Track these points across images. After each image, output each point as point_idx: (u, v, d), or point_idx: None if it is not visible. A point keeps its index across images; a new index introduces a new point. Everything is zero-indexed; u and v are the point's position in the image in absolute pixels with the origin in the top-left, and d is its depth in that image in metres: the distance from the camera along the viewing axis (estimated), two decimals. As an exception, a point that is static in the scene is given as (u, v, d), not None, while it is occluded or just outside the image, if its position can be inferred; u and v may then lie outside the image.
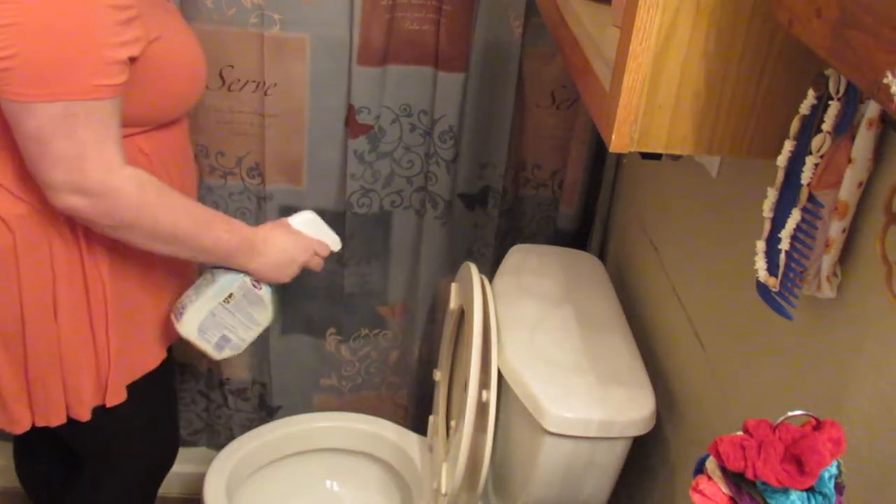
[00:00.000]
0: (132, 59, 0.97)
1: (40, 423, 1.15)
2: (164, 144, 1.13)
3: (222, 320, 1.21)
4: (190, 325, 1.18)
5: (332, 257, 1.64)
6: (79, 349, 1.12)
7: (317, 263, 1.27)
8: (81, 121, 0.93)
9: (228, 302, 1.19)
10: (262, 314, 1.25)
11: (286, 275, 1.22)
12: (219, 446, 1.61)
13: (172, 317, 1.18)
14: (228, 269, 1.18)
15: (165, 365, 1.27)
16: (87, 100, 0.93)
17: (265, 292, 1.23)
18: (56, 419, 1.16)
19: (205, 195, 1.55)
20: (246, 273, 1.19)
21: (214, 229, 1.11)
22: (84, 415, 1.16)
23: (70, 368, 1.12)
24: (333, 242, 1.31)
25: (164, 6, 1.10)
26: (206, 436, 1.87)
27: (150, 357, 1.23)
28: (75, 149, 0.94)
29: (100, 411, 1.18)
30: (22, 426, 1.16)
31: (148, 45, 0.99)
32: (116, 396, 1.18)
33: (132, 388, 1.20)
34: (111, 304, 1.12)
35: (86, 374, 1.14)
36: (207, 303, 1.18)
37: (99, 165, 0.96)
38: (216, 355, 1.23)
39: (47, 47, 0.90)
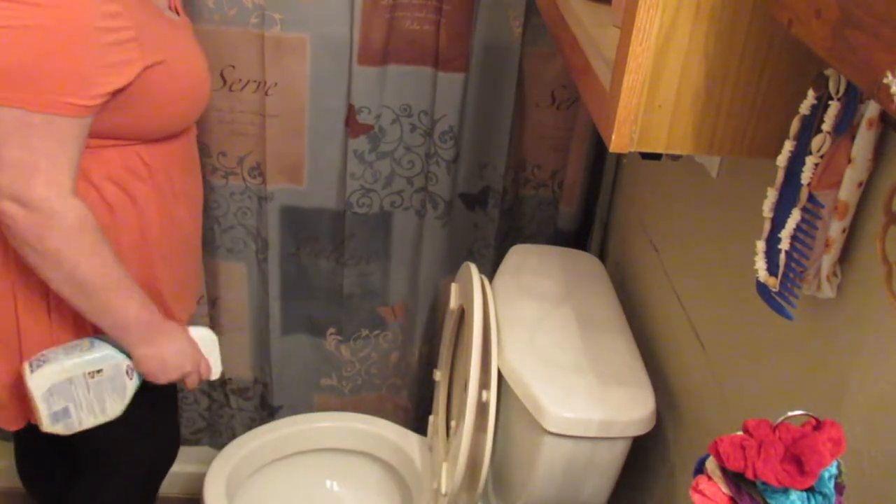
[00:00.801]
0: (120, 87, 0.95)
1: (34, 421, 1.15)
2: (166, 155, 1.11)
3: (75, 392, 1.10)
4: (41, 382, 1.06)
5: (332, 257, 1.65)
6: None
7: (193, 381, 1.20)
8: (37, 132, 0.90)
9: (93, 377, 1.09)
10: (115, 405, 1.15)
11: (165, 376, 1.14)
12: (220, 446, 1.61)
13: (26, 365, 1.07)
14: (113, 345, 1.10)
15: None
16: (47, 113, 0.90)
17: (132, 384, 1.14)
18: None
19: (207, 195, 1.55)
20: (128, 356, 1.11)
21: (128, 297, 1.04)
22: None
23: None
24: (216, 370, 1.25)
25: (171, 23, 1.07)
26: (207, 435, 1.88)
27: None
28: (28, 158, 0.91)
29: None
30: (17, 423, 1.15)
31: (146, 69, 0.97)
32: None
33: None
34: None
35: None
36: (72, 368, 1.08)
37: (48, 182, 0.93)
38: (47, 424, 1.10)
39: (22, 51, 0.88)
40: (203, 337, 1.21)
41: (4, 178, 0.91)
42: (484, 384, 1.23)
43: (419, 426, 1.69)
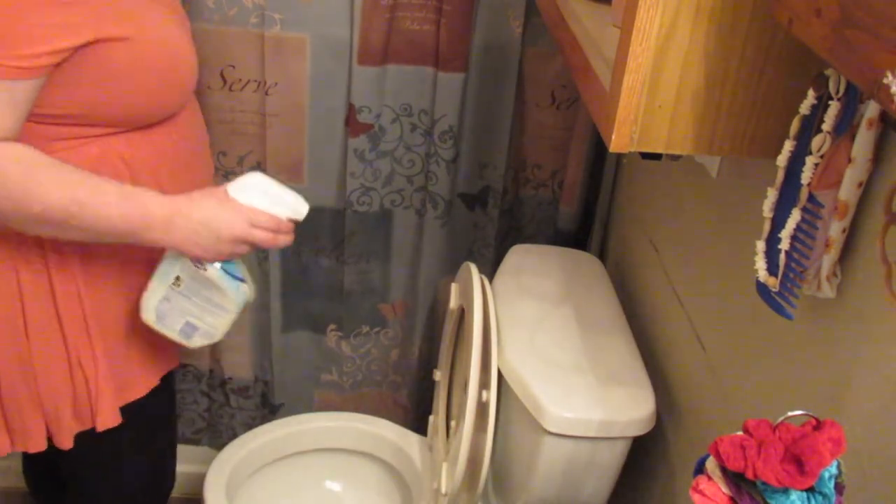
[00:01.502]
0: (61, 51, 0.88)
1: (19, 449, 1.09)
2: (150, 151, 1.03)
3: (180, 306, 1.09)
4: (147, 312, 1.08)
5: (332, 255, 1.64)
6: (54, 372, 1.06)
7: (262, 238, 1.04)
8: None
9: (178, 286, 1.07)
10: (223, 298, 1.10)
11: (218, 251, 1.02)
12: (221, 445, 1.61)
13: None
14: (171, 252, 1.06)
15: (163, 389, 1.20)
16: None
17: (213, 273, 1.07)
18: (35, 445, 1.09)
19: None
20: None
21: (103, 205, 0.94)
22: (65, 442, 1.10)
23: (47, 392, 1.06)
24: (289, 209, 1.07)
25: (152, 0, 1.00)
26: (208, 435, 1.88)
27: (144, 379, 1.16)
28: None
29: (87, 436, 1.11)
30: (3, 449, 1.09)
31: (102, 41, 0.91)
32: (108, 419, 1.11)
33: (125, 412, 1.13)
34: (91, 324, 1.06)
35: (64, 399, 1.08)
36: (158, 287, 1.07)
37: None
38: (187, 343, 1.11)
39: None
40: (244, 185, 1.05)
41: None
42: (484, 384, 1.23)
43: (419, 426, 1.69)
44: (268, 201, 1.05)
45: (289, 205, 1.07)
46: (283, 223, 1.06)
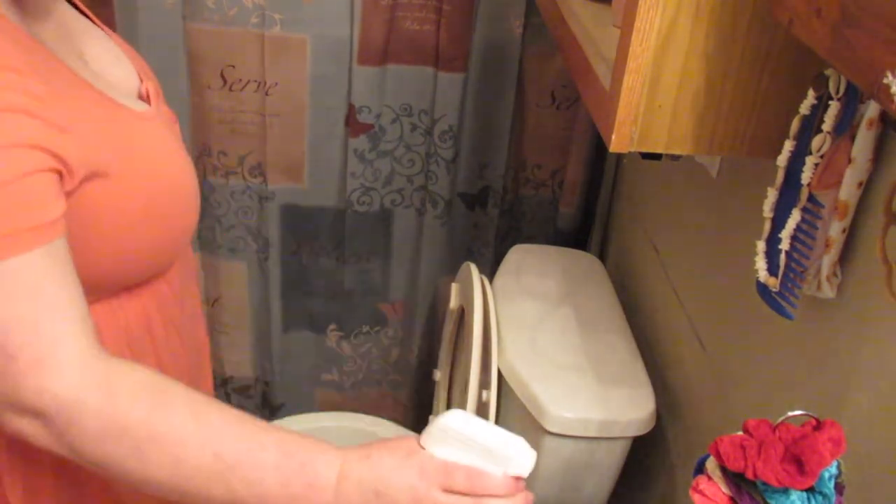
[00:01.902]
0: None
1: None
2: (133, 316, 0.74)
3: None
4: None
5: (333, 255, 1.64)
6: None
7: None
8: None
9: None
10: None
11: None
12: (219, 446, 1.62)
13: None
14: None
15: None
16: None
17: None
18: None
19: (208, 194, 1.55)
20: None
21: (256, 469, 0.66)
22: None
23: None
24: (506, 462, 0.74)
25: (132, 117, 0.71)
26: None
27: None
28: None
29: None
30: None
31: (80, 181, 0.62)
32: None
33: None
34: None
35: None
36: None
37: (31, 363, 0.58)
38: None
39: None
40: (447, 430, 0.74)
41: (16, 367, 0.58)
42: (484, 384, 1.23)
43: (419, 426, 1.69)
44: (475, 454, 0.75)
45: (506, 457, 0.76)
46: (499, 483, 0.72)
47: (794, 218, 0.71)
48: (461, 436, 0.75)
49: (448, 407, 1.56)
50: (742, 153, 0.72)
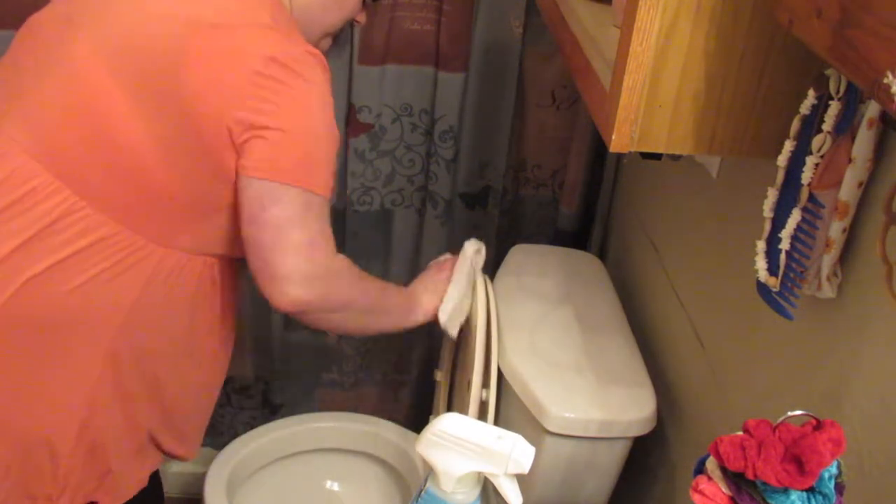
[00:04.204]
0: None
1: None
2: (232, 274, 1.14)
3: None
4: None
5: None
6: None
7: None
8: (314, 213, 0.99)
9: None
10: None
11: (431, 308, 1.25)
12: (221, 445, 1.61)
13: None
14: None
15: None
16: (321, 195, 0.99)
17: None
18: None
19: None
20: None
21: (391, 293, 1.20)
22: None
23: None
24: (511, 460, 0.85)
25: None
26: (208, 435, 1.87)
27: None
28: (308, 237, 0.99)
29: None
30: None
31: None
32: None
33: None
34: None
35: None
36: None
37: (325, 253, 1.02)
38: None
39: (312, 141, 0.99)
40: (444, 434, 0.88)
41: (292, 262, 0.98)
42: (484, 384, 1.23)
43: (419, 426, 1.69)
44: (473, 455, 0.84)
45: (504, 455, 0.84)
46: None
47: (795, 218, 0.71)
48: (458, 439, 0.81)
49: (449, 407, 1.56)
50: (742, 153, 0.72)
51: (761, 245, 0.77)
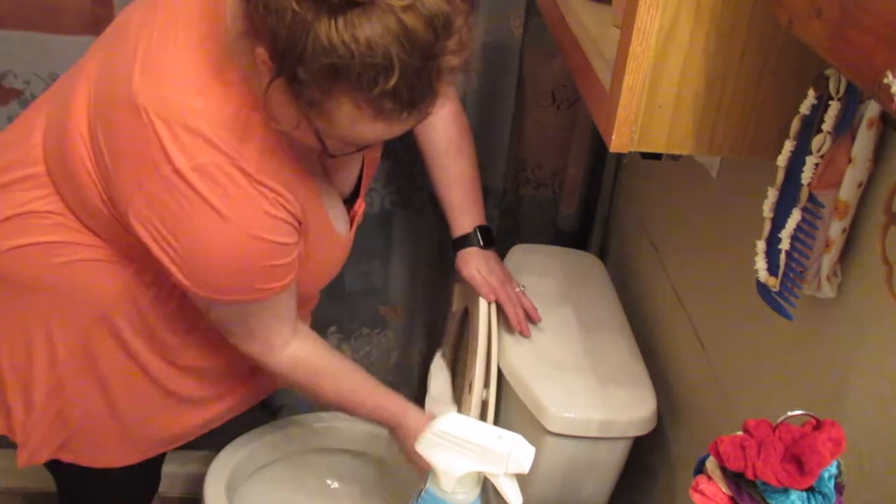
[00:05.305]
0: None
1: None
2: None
3: None
4: None
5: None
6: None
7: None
8: (253, 312, 1.01)
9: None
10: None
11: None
12: (220, 446, 1.61)
13: None
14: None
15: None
16: (255, 300, 0.99)
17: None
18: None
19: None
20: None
21: (362, 400, 1.18)
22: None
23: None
24: (511, 460, 0.86)
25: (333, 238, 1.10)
26: (208, 437, 1.87)
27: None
28: (247, 331, 1.04)
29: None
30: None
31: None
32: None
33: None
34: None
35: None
36: None
37: (264, 352, 1.07)
38: None
39: (221, 272, 0.94)
40: (444, 434, 0.86)
41: (248, 348, 1.06)
42: (484, 384, 1.23)
43: (419, 426, 1.69)
44: (473, 455, 0.84)
45: (504, 455, 0.84)
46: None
47: (795, 218, 0.71)
48: (458, 439, 0.82)
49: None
50: (742, 153, 0.72)
51: (761, 245, 0.77)
